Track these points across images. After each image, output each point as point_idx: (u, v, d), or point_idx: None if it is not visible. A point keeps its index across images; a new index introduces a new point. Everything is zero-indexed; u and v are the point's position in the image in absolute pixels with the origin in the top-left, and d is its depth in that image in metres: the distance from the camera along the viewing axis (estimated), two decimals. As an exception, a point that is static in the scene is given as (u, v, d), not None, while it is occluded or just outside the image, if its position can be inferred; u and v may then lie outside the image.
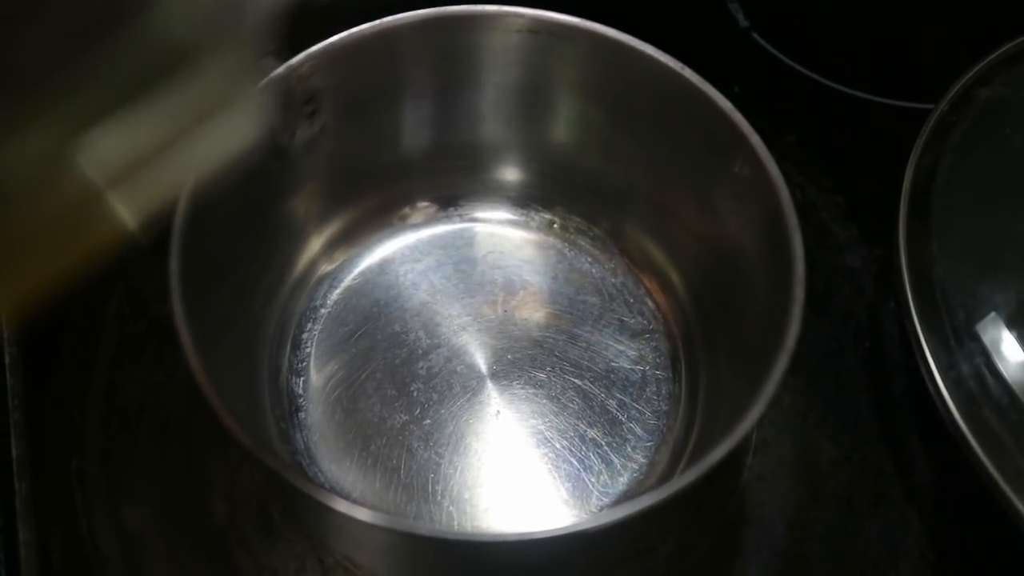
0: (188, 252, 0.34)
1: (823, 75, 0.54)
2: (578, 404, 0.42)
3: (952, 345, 0.40)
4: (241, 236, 0.39)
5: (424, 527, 0.36)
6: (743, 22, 0.56)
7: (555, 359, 0.43)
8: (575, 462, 0.41)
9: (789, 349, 0.33)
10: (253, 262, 0.41)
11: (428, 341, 0.44)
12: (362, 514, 0.30)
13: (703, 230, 0.42)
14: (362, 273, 0.46)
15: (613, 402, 0.42)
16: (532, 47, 0.41)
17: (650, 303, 0.45)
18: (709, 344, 0.43)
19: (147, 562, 0.39)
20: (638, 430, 0.42)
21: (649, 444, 0.41)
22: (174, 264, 0.33)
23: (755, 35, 0.56)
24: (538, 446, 0.41)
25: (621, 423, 0.42)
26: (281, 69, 0.38)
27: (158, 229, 0.27)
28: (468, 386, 0.42)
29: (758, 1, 0.57)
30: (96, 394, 0.43)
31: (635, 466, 0.41)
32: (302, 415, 0.42)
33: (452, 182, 0.46)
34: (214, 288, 0.37)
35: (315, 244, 0.45)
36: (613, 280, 0.46)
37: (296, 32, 0.40)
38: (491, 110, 0.44)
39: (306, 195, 0.43)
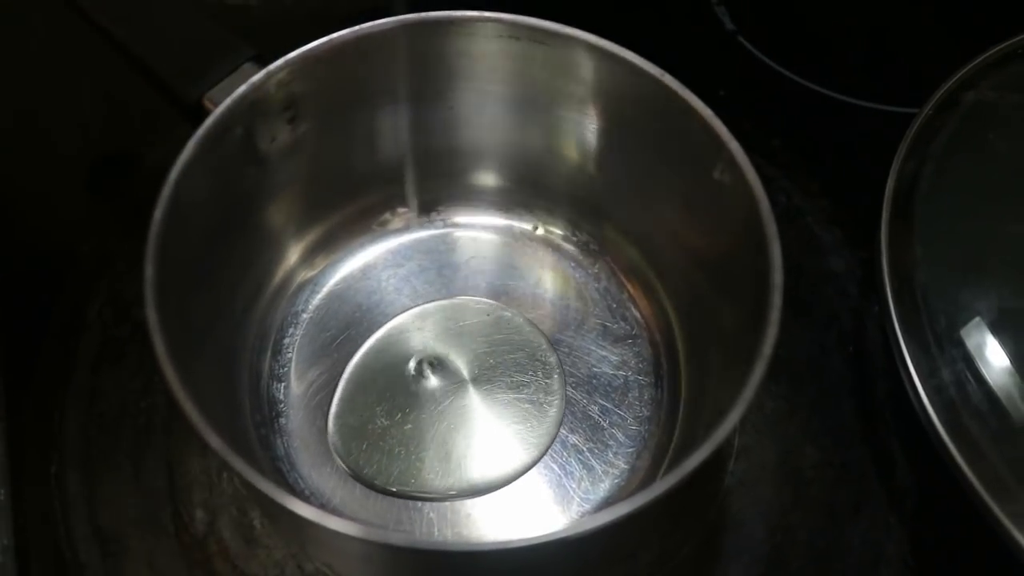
0: (164, 258, 0.34)
1: (809, 79, 0.54)
2: (560, 409, 0.42)
3: (933, 351, 0.39)
4: (220, 242, 0.39)
5: (399, 537, 0.36)
6: (729, 26, 0.56)
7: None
8: (556, 468, 0.41)
9: (766, 355, 0.33)
10: (232, 268, 0.41)
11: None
12: (336, 524, 0.30)
13: (685, 236, 0.42)
14: (344, 279, 0.45)
15: (595, 408, 0.42)
16: (513, 53, 0.41)
17: (632, 308, 0.45)
18: (691, 349, 0.43)
19: (126, 569, 0.39)
20: (620, 436, 0.42)
21: (631, 450, 0.41)
22: (149, 271, 0.33)
23: (741, 39, 0.56)
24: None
25: (603, 429, 0.42)
26: (260, 75, 0.38)
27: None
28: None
29: (744, 5, 0.57)
30: (76, 398, 0.43)
31: (616, 472, 0.41)
32: (283, 421, 0.42)
33: (433, 187, 0.46)
34: (192, 294, 0.36)
35: (296, 250, 0.44)
36: (595, 285, 0.46)
37: (275, 37, 0.40)
38: (471, 115, 0.44)
39: (286, 201, 0.43)
